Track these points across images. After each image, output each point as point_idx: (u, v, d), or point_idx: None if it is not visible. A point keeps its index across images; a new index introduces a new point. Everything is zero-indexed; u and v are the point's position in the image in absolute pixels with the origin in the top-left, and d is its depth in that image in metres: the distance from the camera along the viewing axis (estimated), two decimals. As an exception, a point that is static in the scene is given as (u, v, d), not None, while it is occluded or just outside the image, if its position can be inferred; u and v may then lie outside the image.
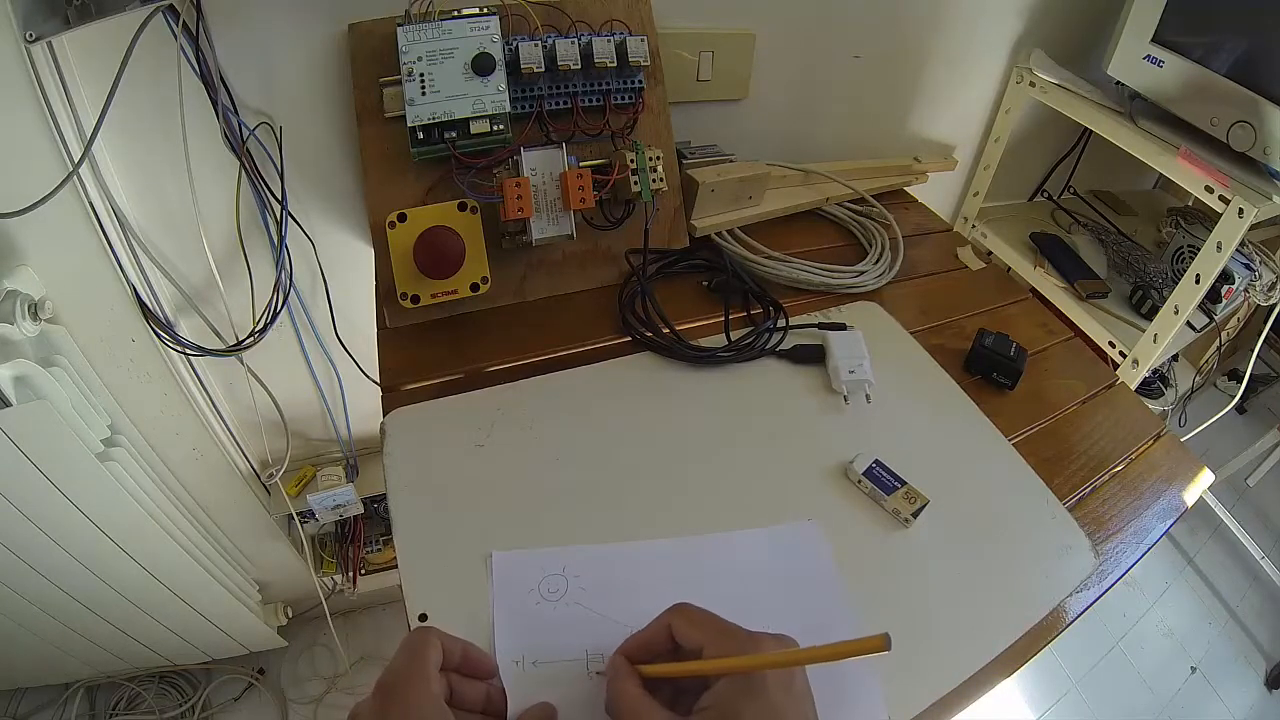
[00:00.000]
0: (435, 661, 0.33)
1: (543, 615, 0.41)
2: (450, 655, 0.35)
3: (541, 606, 0.42)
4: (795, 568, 0.47)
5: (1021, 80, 1.06)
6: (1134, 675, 1.49)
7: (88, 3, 0.53)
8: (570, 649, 0.40)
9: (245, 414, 0.94)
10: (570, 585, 0.43)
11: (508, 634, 0.40)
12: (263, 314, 0.79)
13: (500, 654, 0.39)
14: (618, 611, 0.42)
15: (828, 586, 0.46)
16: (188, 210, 0.69)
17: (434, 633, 0.35)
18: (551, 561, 0.44)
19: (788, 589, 0.46)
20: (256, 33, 0.64)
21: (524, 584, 0.43)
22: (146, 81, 0.61)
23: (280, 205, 0.72)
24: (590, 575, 0.44)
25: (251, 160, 0.69)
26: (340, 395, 0.96)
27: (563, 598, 0.42)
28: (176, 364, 0.82)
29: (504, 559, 0.44)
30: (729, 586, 0.45)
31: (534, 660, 0.39)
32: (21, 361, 0.66)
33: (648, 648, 0.37)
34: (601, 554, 0.45)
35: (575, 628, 0.41)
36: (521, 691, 0.37)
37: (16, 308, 0.64)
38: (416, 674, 0.32)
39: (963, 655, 0.45)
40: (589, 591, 0.43)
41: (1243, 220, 0.84)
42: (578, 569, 0.44)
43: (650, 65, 0.67)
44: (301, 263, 0.80)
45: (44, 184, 0.58)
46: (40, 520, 0.78)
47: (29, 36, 0.52)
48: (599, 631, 0.41)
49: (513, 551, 0.45)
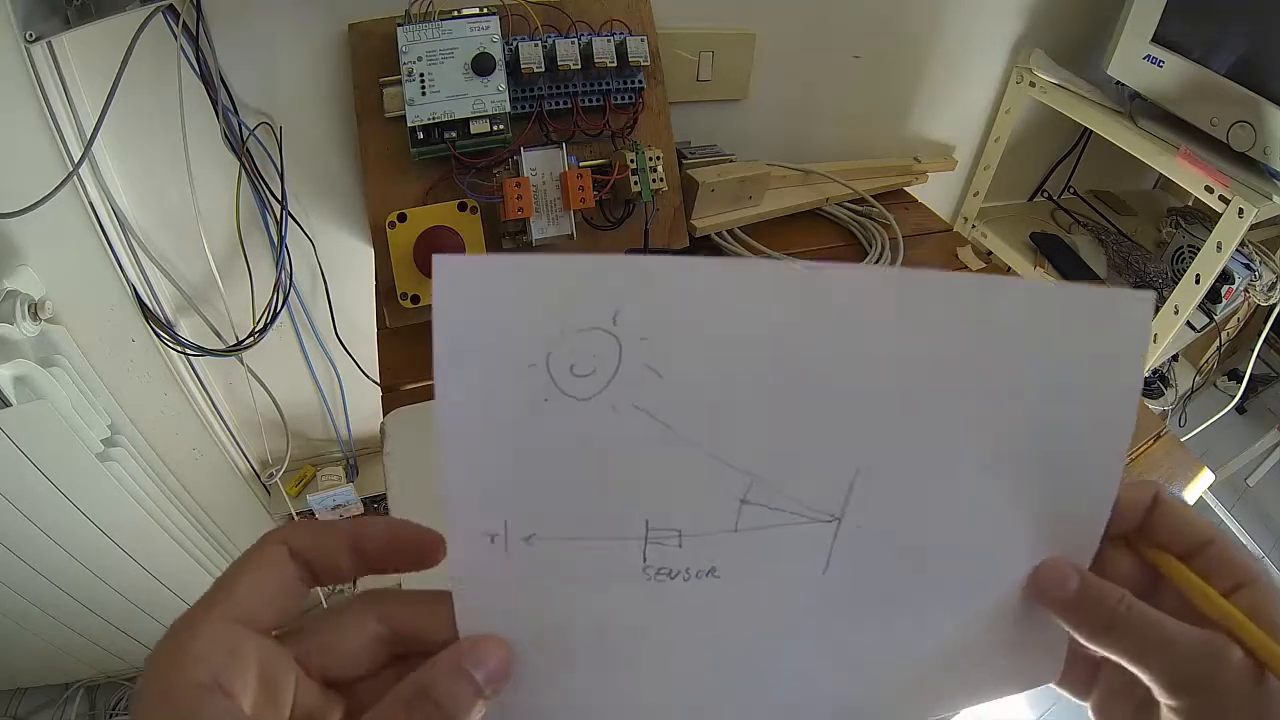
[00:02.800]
0: (245, 613, 0.19)
1: (556, 429, 0.20)
2: (324, 560, 0.21)
3: (555, 407, 0.20)
4: (1082, 384, 0.23)
5: (1021, 80, 1.06)
6: (1134, 675, 1.49)
7: (88, 3, 0.53)
8: (613, 511, 0.21)
9: (245, 414, 0.94)
10: (626, 356, 0.20)
11: (472, 473, 0.20)
12: (263, 314, 0.79)
13: (457, 520, 0.20)
14: (738, 432, 0.21)
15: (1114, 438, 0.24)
16: (188, 210, 0.69)
17: (272, 545, 0.21)
18: (588, 291, 0.19)
19: (1052, 425, 0.23)
20: (256, 33, 0.64)
21: (517, 347, 0.19)
22: (146, 81, 0.61)
23: (280, 205, 0.72)
24: (671, 339, 0.20)
25: (251, 160, 0.69)
26: (340, 395, 0.96)
27: (607, 386, 0.20)
28: (176, 364, 0.82)
29: (471, 271, 0.19)
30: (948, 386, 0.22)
31: (527, 532, 0.21)
32: (21, 361, 0.66)
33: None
34: (704, 284, 0.20)
35: (630, 461, 0.21)
36: (489, 601, 0.21)
37: (16, 308, 0.64)
38: (186, 645, 0.18)
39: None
40: (667, 382, 0.20)
41: (1243, 220, 0.84)
42: (647, 318, 0.20)
43: (650, 65, 0.67)
44: (301, 263, 0.80)
45: (44, 184, 0.58)
46: (40, 520, 0.78)
47: (29, 36, 0.52)
48: (685, 476, 0.21)
49: (498, 260, 0.19)
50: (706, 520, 0.22)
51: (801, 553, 0.23)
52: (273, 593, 0.20)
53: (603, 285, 0.19)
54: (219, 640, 0.18)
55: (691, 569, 0.22)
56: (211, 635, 0.18)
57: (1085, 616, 0.23)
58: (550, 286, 0.19)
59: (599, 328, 0.19)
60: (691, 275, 0.20)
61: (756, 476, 0.22)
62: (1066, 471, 0.24)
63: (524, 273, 0.19)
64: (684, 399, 0.20)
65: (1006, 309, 0.22)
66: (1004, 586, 0.25)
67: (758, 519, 0.22)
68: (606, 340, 0.19)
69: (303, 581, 0.21)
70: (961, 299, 0.22)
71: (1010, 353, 0.23)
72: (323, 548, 0.21)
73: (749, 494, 0.22)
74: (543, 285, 0.19)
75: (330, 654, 0.21)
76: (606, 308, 0.19)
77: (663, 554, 0.22)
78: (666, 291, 0.20)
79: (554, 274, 0.19)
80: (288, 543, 0.21)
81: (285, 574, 0.21)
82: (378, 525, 0.22)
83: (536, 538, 0.21)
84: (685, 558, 0.22)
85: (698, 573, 0.22)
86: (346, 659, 0.21)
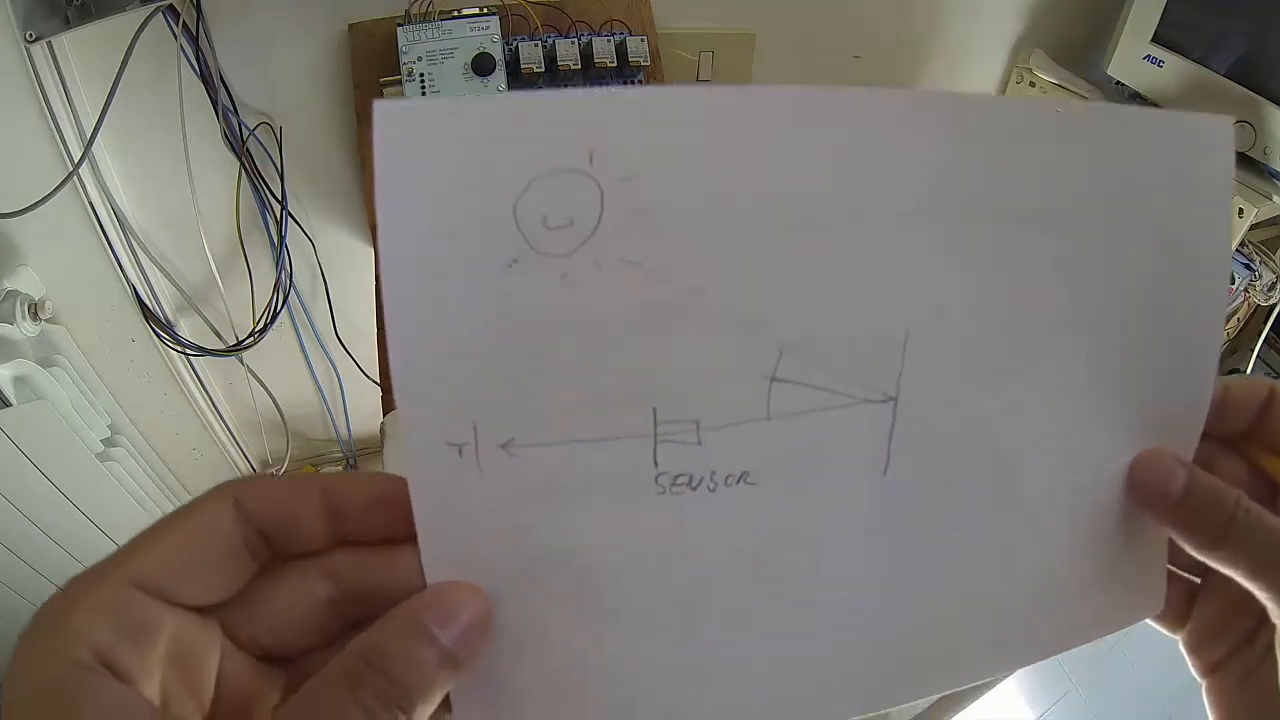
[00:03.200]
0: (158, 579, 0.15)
1: (530, 297, 0.16)
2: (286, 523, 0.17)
3: (527, 270, 0.16)
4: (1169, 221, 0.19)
5: (1021, 80, 1.06)
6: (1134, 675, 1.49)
7: (88, 3, 0.53)
8: (611, 400, 0.17)
9: (245, 414, 0.94)
10: (609, 202, 0.16)
11: (428, 364, 0.16)
12: (263, 314, 0.79)
13: (413, 430, 0.16)
14: (755, 287, 0.17)
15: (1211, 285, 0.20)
16: (188, 210, 0.69)
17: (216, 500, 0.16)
18: (556, 129, 0.16)
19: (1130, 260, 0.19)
20: (256, 33, 0.64)
21: (476, 200, 0.16)
22: (146, 81, 0.61)
23: (280, 205, 0.72)
24: (661, 177, 0.16)
25: (251, 160, 0.69)
26: (340, 395, 0.96)
27: (589, 238, 0.16)
28: (176, 364, 0.82)
29: (418, 114, 0.16)
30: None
31: (504, 437, 0.16)
32: (21, 361, 0.66)
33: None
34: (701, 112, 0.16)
35: (624, 332, 0.17)
36: (459, 535, 0.16)
37: (16, 308, 0.64)
38: (67, 614, 0.14)
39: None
40: (661, 229, 0.16)
41: (1242, 220, 0.84)
42: (630, 155, 0.16)
43: (650, 65, 0.67)
44: (301, 263, 0.80)
45: (44, 184, 0.58)
46: (40, 520, 0.78)
47: (29, 36, 0.52)
48: (695, 348, 0.17)
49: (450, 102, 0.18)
50: (730, 406, 0.17)
51: (855, 447, 0.18)
52: (203, 560, 0.15)
53: (573, 122, 0.15)
54: (111, 608, 0.14)
55: (718, 473, 0.17)
56: (101, 602, 0.14)
57: (1195, 520, 0.19)
58: (512, 127, 0.15)
59: (573, 169, 0.15)
60: (683, 104, 0.16)
61: (786, 345, 0.17)
62: (1158, 331, 0.19)
63: (479, 114, 0.15)
64: (683, 248, 0.16)
65: (1075, 128, 0.18)
66: (1094, 490, 0.20)
67: (794, 402, 0.17)
68: (583, 184, 0.16)
69: (251, 550, 0.16)
70: (1017, 117, 0.18)
71: (1085, 179, 0.18)
72: (285, 507, 0.16)
73: (779, 369, 0.17)
74: (502, 127, 0.15)
75: (266, 621, 0.17)
76: (579, 146, 0.15)
77: (679, 455, 0.17)
78: (651, 124, 0.16)
79: (514, 113, 0.15)
80: (238, 496, 0.16)
81: (226, 538, 0.16)
82: (361, 479, 0.17)
83: (515, 444, 0.16)
84: (708, 458, 0.17)
85: (727, 478, 0.17)
86: (288, 627, 0.17)
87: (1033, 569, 0.20)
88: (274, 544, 0.17)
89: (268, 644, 0.17)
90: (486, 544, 0.17)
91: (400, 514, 0.16)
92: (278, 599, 0.17)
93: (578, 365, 0.16)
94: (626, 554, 0.17)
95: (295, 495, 0.17)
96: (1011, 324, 0.18)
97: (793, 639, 0.19)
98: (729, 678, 0.19)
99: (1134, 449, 0.20)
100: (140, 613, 0.15)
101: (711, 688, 0.18)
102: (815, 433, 0.18)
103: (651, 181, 0.16)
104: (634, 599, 0.18)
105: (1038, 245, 0.18)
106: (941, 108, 0.17)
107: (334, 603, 0.17)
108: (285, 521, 0.17)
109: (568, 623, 0.17)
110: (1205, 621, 0.22)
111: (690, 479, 0.17)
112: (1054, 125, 0.18)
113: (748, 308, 0.17)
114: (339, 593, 0.17)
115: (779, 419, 0.17)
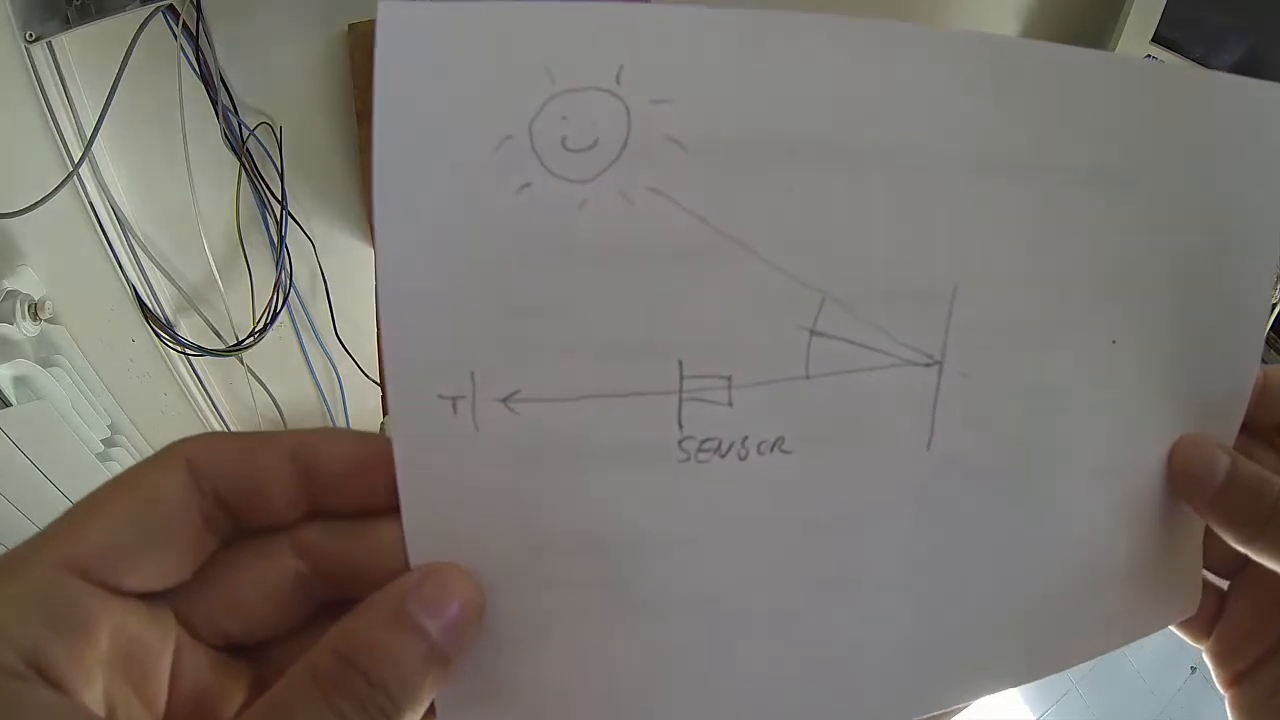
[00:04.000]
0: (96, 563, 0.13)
1: (542, 225, 0.14)
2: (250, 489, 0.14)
3: (540, 194, 0.14)
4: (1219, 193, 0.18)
5: (1021, 80, 1.06)
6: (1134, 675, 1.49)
7: (88, 3, 0.53)
8: (632, 348, 0.15)
9: (245, 414, 0.93)
10: (636, 125, 0.14)
11: (421, 301, 0.14)
12: (263, 314, 0.79)
13: (399, 379, 0.14)
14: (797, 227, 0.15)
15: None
16: (188, 210, 0.69)
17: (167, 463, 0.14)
18: (581, 41, 0.14)
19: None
20: (256, 33, 0.64)
21: (487, 112, 0.14)
22: (146, 81, 0.61)
23: (280, 205, 0.72)
24: (697, 100, 0.14)
25: (251, 160, 0.69)
26: (340, 395, 0.96)
27: (613, 163, 0.14)
28: (176, 364, 0.82)
29: (426, 14, 0.14)
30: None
31: (505, 390, 0.14)
32: (21, 361, 0.66)
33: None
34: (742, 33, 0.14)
35: (650, 271, 0.15)
36: (449, 506, 0.14)
37: (16, 308, 0.64)
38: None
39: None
40: (695, 157, 0.14)
41: (1243, 220, 0.84)
42: (663, 76, 0.14)
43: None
44: (301, 263, 0.80)
45: (44, 184, 0.58)
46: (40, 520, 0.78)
47: (29, 36, 0.52)
48: (729, 292, 0.15)
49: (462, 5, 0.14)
50: (765, 361, 0.15)
51: (898, 414, 0.16)
52: (151, 536, 0.13)
53: (600, 33, 0.14)
54: (40, 599, 0.12)
55: (750, 440, 0.15)
56: (28, 592, 0.12)
57: (1236, 510, 0.18)
58: (531, 35, 0.13)
59: (597, 87, 0.14)
60: (724, 24, 0.14)
61: (828, 294, 0.15)
62: (1206, 307, 0.18)
63: (496, 17, 0.13)
64: (719, 180, 0.14)
65: (1135, 84, 0.17)
66: (1136, 477, 0.19)
67: (835, 359, 0.15)
68: (608, 103, 0.14)
69: (208, 523, 0.14)
70: (1074, 67, 0.16)
71: (1141, 139, 0.17)
72: (249, 472, 0.14)
73: (819, 321, 0.15)
74: (521, 33, 0.13)
75: (228, 606, 0.14)
76: (607, 61, 0.14)
77: (706, 416, 0.15)
78: (687, 43, 0.14)
79: (536, 19, 0.14)
80: (193, 459, 0.14)
81: (178, 509, 0.13)
82: (337, 438, 0.15)
83: (519, 398, 0.14)
84: (739, 421, 0.15)
85: (760, 445, 0.15)
86: (253, 613, 0.15)
87: (1074, 564, 0.19)
88: (236, 515, 0.14)
89: (230, 632, 0.15)
90: (480, 518, 0.14)
91: (383, 481, 0.14)
92: (241, 579, 0.14)
93: (594, 307, 0.14)
94: (644, 533, 0.15)
95: (261, 457, 0.14)
96: (1061, 287, 0.17)
97: (830, 634, 0.17)
98: (756, 676, 0.16)
99: (1176, 433, 0.19)
100: (76, 603, 0.12)
101: (737, 686, 0.16)
102: (856, 396, 0.16)
103: (686, 107, 0.14)
104: (650, 585, 0.15)
105: (1088, 203, 0.17)
106: (995, 51, 0.16)
107: (304, 582, 0.15)
108: (249, 489, 0.14)
109: (574, 612, 0.15)
110: (1233, 628, 0.21)
111: (719, 445, 0.15)
112: (1113, 79, 0.17)
113: (790, 252, 0.15)
114: (311, 570, 0.15)
115: (818, 378, 0.15)
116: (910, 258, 0.16)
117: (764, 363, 0.15)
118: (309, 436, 0.15)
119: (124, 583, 0.13)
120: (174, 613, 0.14)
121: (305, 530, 0.15)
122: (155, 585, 0.13)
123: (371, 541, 0.15)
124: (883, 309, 0.16)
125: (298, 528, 0.15)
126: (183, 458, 0.14)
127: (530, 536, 0.15)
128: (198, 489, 0.14)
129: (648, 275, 0.14)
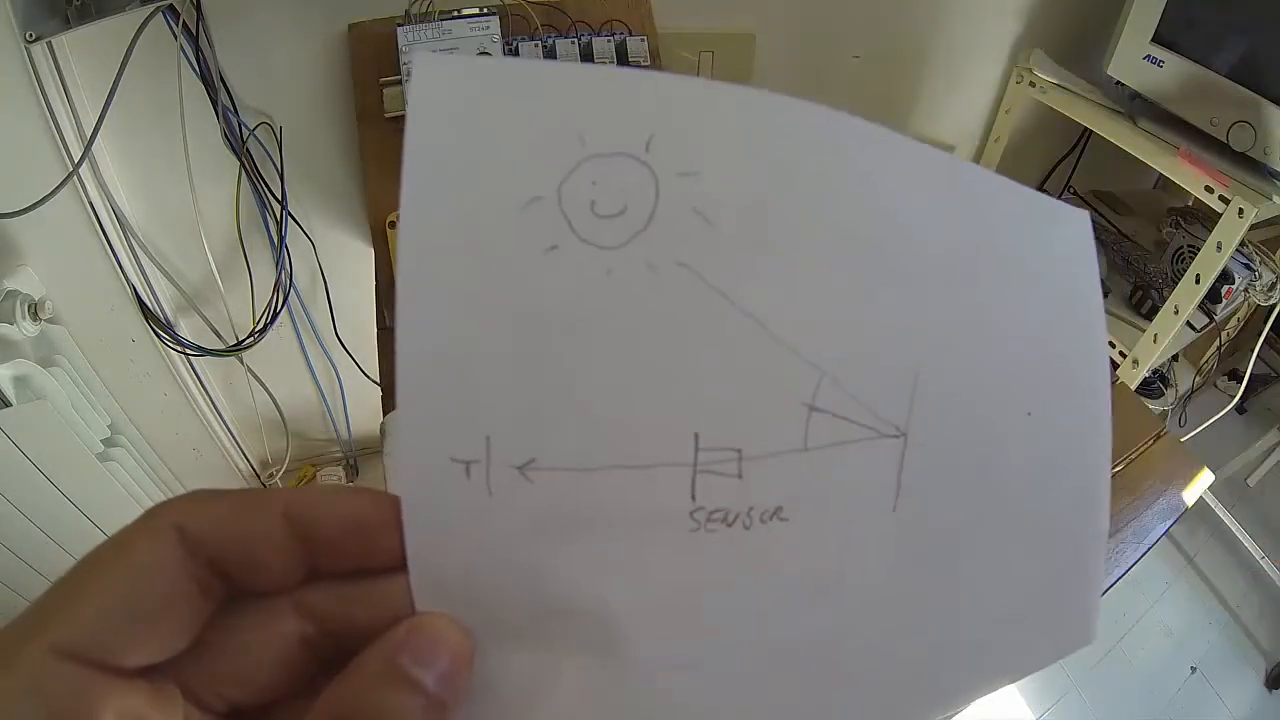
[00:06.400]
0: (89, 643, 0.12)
1: (568, 289, 0.14)
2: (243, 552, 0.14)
3: (567, 258, 0.14)
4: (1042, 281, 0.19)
5: (1021, 80, 1.06)
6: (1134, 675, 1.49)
7: (88, 3, 0.53)
8: (652, 420, 0.15)
9: (245, 414, 0.94)
10: (665, 196, 0.14)
11: (440, 360, 0.14)
12: (263, 314, 0.79)
13: (413, 439, 0.14)
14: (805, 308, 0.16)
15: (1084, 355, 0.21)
16: (188, 210, 0.69)
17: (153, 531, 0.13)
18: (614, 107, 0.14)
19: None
20: (256, 33, 0.64)
21: (518, 173, 0.14)
22: (146, 81, 0.61)
23: (280, 205, 0.72)
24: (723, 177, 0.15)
25: (251, 160, 0.69)
26: (340, 395, 0.96)
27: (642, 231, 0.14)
28: (176, 364, 0.82)
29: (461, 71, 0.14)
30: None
31: (523, 457, 0.14)
32: (21, 361, 0.66)
33: None
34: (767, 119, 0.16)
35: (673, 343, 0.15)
36: (458, 569, 0.14)
37: (16, 308, 0.64)
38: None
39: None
40: (720, 234, 0.15)
41: (1243, 220, 0.84)
42: (692, 149, 0.15)
43: (650, 66, 0.67)
44: (301, 263, 0.80)
45: (44, 184, 0.58)
46: (40, 520, 0.78)
47: (29, 36, 0.52)
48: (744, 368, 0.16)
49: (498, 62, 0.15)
50: (771, 433, 0.16)
51: (872, 482, 0.17)
52: (146, 610, 0.12)
53: (634, 102, 0.14)
54: (34, 689, 0.11)
55: (755, 510, 0.16)
56: (20, 683, 0.11)
57: None
58: (564, 96, 0.14)
59: (627, 154, 0.14)
60: (751, 106, 0.15)
61: (825, 372, 0.16)
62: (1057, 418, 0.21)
63: (530, 76, 0.14)
64: (741, 257, 0.15)
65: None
66: (1053, 531, 0.20)
67: (828, 433, 0.16)
68: (637, 170, 0.14)
69: (202, 590, 0.13)
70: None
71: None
72: (241, 535, 0.13)
73: (818, 396, 0.16)
74: (554, 94, 0.14)
75: (231, 671, 0.14)
76: (638, 129, 0.14)
77: (717, 488, 0.15)
78: (716, 120, 0.15)
79: (570, 81, 0.14)
80: (182, 525, 0.13)
81: (171, 578, 0.13)
82: (332, 497, 0.14)
83: (536, 466, 0.14)
84: (746, 492, 0.15)
85: (761, 515, 0.16)
86: (258, 675, 0.14)
87: (1001, 605, 0.20)
88: (231, 581, 0.14)
89: (235, 698, 0.14)
90: (490, 582, 0.14)
91: (382, 542, 0.14)
92: (244, 644, 0.14)
93: (617, 376, 0.14)
94: (649, 599, 0.15)
95: (254, 520, 0.14)
96: (986, 371, 0.19)
97: (817, 692, 0.18)
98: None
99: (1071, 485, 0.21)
100: (75, 692, 0.12)
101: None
102: (843, 465, 0.17)
103: (713, 182, 0.14)
104: (651, 649, 0.15)
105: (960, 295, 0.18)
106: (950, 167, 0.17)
107: (310, 642, 0.14)
108: (244, 555, 0.14)
109: (576, 674, 0.15)
110: None
111: (726, 516, 0.15)
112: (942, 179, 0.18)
113: (796, 329, 0.16)
114: (316, 631, 0.14)
115: (815, 450, 0.16)
116: (888, 336, 0.17)
117: (770, 436, 0.16)
118: (303, 496, 0.14)
119: (122, 661, 0.12)
120: (176, 683, 0.13)
121: (308, 592, 0.14)
122: (153, 659, 0.13)
123: (376, 601, 0.14)
124: (865, 384, 0.17)
125: (299, 589, 0.14)
126: (170, 523, 0.13)
127: (539, 601, 0.15)
128: (189, 556, 0.13)
129: (670, 347, 0.15)
